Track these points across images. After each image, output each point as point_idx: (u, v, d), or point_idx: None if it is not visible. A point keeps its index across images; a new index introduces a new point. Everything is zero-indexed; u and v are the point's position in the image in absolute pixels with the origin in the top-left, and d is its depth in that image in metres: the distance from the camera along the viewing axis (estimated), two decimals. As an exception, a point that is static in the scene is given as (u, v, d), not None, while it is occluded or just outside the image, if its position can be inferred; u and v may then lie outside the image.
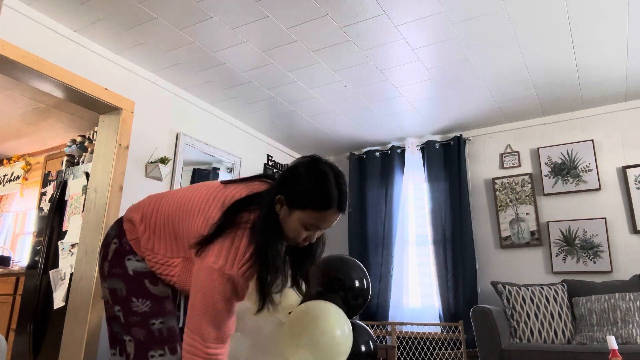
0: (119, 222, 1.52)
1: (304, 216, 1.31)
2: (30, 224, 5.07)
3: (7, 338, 3.62)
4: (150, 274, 1.43)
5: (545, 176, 3.95)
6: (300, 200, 1.30)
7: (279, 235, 1.33)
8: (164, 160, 3.35)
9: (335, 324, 1.50)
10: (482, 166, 4.28)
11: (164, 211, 1.45)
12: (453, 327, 3.78)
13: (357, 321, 1.70)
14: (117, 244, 1.47)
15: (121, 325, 1.40)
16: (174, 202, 1.46)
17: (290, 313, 1.62)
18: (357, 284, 1.70)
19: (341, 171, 1.39)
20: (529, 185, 3.99)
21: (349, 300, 1.66)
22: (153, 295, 1.40)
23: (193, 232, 1.35)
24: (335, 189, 1.32)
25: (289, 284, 1.41)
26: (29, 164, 5.14)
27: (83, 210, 3.29)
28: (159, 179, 3.37)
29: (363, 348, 1.60)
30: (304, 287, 1.47)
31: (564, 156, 3.91)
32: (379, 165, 4.67)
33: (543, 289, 3.28)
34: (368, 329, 1.71)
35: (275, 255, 1.29)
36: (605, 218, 3.65)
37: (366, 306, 1.76)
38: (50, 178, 3.98)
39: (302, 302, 1.72)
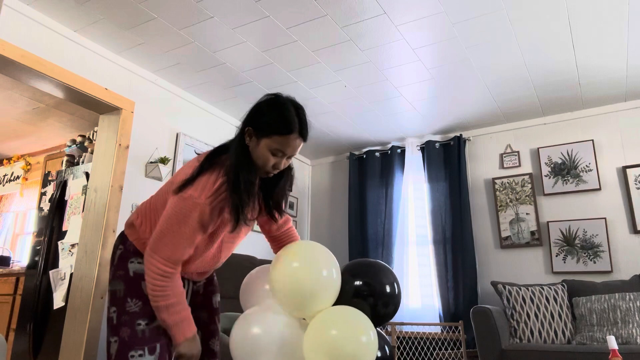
0: (122, 232, 1.58)
1: (270, 142, 1.43)
2: (30, 224, 5.07)
3: (7, 338, 3.62)
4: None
5: (545, 176, 3.95)
6: (266, 128, 1.43)
7: (249, 163, 1.44)
8: (164, 160, 3.35)
9: (361, 330, 1.41)
10: (482, 166, 4.28)
11: (154, 198, 1.55)
12: (453, 327, 3.78)
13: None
14: (121, 249, 1.52)
15: (112, 326, 1.42)
16: (162, 187, 1.57)
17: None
18: (387, 289, 1.59)
19: (302, 105, 1.52)
20: (529, 185, 3.99)
21: (379, 308, 1.56)
22: (146, 296, 1.42)
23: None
24: (296, 117, 1.45)
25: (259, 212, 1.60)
26: (29, 164, 5.14)
27: (83, 210, 3.29)
28: (159, 179, 3.37)
29: (379, 354, 1.55)
30: (277, 216, 1.63)
31: (564, 156, 3.91)
32: (379, 165, 4.67)
33: (543, 289, 3.28)
34: (384, 334, 1.64)
35: (247, 180, 1.41)
36: (605, 218, 3.65)
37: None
38: (50, 178, 3.98)
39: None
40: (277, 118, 1.43)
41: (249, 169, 1.43)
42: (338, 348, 1.31)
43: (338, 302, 1.55)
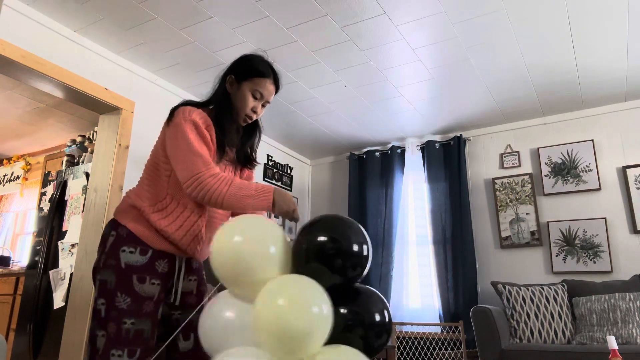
0: (111, 220, 1.57)
1: (251, 84, 1.61)
2: (30, 224, 5.07)
3: (7, 338, 3.62)
4: (140, 269, 1.44)
5: (545, 176, 3.95)
6: (247, 72, 1.63)
7: (231, 105, 1.63)
8: (164, 160, 3.34)
9: (312, 301, 1.18)
10: (482, 166, 4.28)
11: (144, 172, 1.69)
12: (453, 327, 3.78)
13: (368, 287, 1.38)
14: (114, 235, 1.49)
15: (99, 319, 1.41)
16: (147, 160, 1.71)
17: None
18: (355, 248, 1.29)
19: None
20: (529, 185, 3.99)
21: (347, 270, 1.28)
22: (135, 293, 1.42)
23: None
24: (272, 68, 1.67)
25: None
26: (29, 164, 5.14)
27: (83, 210, 3.29)
28: (159, 179, 3.37)
29: (378, 318, 1.29)
30: (253, 162, 1.77)
31: (564, 156, 3.91)
32: (379, 165, 4.67)
33: (543, 289, 3.28)
34: (381, 296, 1.36)
35: (230, 119, 1.60)
36: (605, 218, 3.65)
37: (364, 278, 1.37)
38: (50, 178, 3.98)
39: None
40: (258, 63, 1.65)
41: (231, 111, 1.62)
42: (285, 320, 1.13)
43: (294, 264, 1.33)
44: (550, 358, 2.76)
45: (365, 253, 1.31)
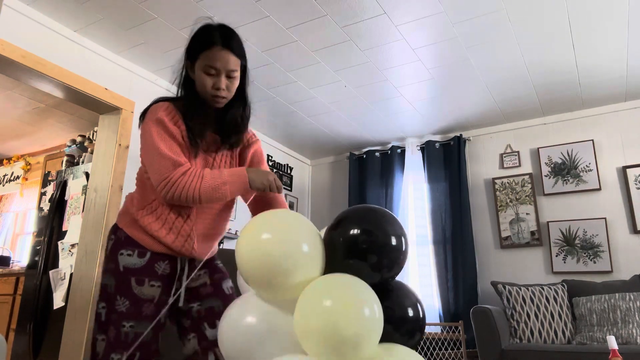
0: (113, 224, 1.57)
1: (200, 62, 1.45)
2: (30, 224, 5.07)
3: (7, 338, 3.62)
4: (138, 271, 1.42)
5: (545, 176, 3.95)
6: (194, 51, 1.47)
7: (194, 92, 1.50)
8: (164, 160, 3.34)
9: (362, 302, 1.06)
10: (482, 166, 4.28)
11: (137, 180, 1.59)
12: (453, 327, 3.78)
13: (398, 280, 1.26)
14: (113, 239, 1.49)
15: (100, 323, 1.40)
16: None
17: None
18: (394, 241, 1.14)
19: (226, 25, 1.51)
20: (529, 185, 3.99)
21: (382, 268, 1.14)
22: (134, 296, 1.40)
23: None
24: (217, 31, 1.46)
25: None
26: (29, 164, 5.14)
27: (83, 210, 3.29)
28: (159, 179, 3.37)
29: (411, 313, 1.17)
30: (234, 138, 1.58)
31: (564, 156, 3.91)
32: (379, 165, 4.67)
33: (543, 289, 3.28)
34: (412, 289, 1.27)
35: (196, 106, 1.48)
36: (605, 218, 3.65)
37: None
38: (50, 178, 3.98)
39: None
40: (199, 37, 1.48)
41: (195, 98, 1.49)
42: (336, 324, 1.01)
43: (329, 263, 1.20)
44: (550, 358, 2.76)
45: (404, 248, 1.19)
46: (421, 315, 1.21)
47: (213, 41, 1.44)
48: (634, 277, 3.22)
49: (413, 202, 4.42)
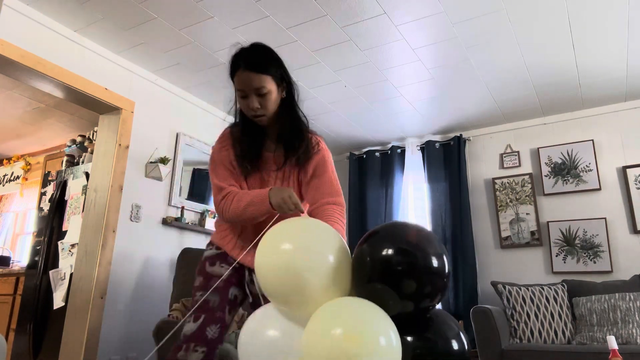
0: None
1: (235, 87, 1.55)
2: (30, 224, 5.07)
3: (7, 338, 3.62)
4: (213, 258, 1.63)
5: (545, 176, 3.95)
6: (230, 77, 1.57)
7: (240, 117, 1.63)
8: (163, 160, 3.35)
9: (376, 330, 0.96)
10: (482, 166, 4.28)
11: None
12: (453, 327, 3.78)
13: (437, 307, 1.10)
14: (205, 249, 1.72)
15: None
16: None
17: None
18: (435, 263, 0.98)
19: (256, 43, 1.62)
20: (529, 185, 3.99)
21: (421, 297, 0.98)
22: (206, 272, 1.60)
23: None
24: (239, 54, 1.54)
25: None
26: (29, 164, 5.14)
27: (83, 210, 3.29)
28: (159, 179, 3.37)
29: (456, 346, 1.01)
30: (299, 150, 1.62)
31: (564, 156, 3.91)
32: (379, 165, 4.67)
33: (543, 289, 3.28)
34: (453, 318, 1.11)
35: (239, 130, 1.60)
36: (605, 218, 3.65)
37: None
38: (50, 178, 3.98)
39: None
40: (229, 65, 1.56)
41: (242, 120, 1.61)
42: (341, 352, 0.91)
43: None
44: (550, 358, 2.76)
45: (446, 272, 1.01)
46: (465, 348, 1.04)
47: (237, 65, 1.53)
48: (634, 277, 3.22)
49: (413, 202, 4.42)
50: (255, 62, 1.51)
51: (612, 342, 1.75)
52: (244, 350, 1.16)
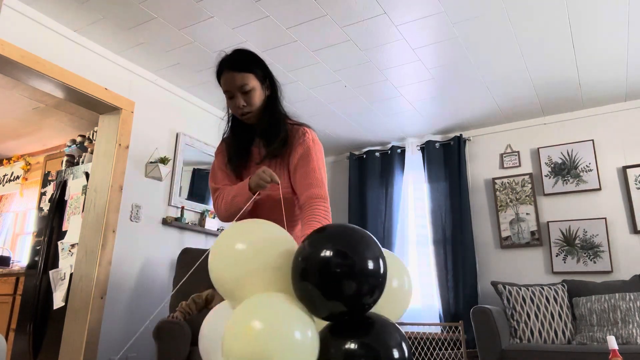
0: None
1: (223, 92, 1.62)
2: (30, 224, 5.07)
3: (7, 338, 3.62)
4: None
5: (546, 176, 3.95)
6: (219, 84, 1.64)
7: (229, 117, 1.74)
8: (163, 160, 3.35)
9: (293, 325, 1.00)
10: (482, 166, 4.28)
11: None
12: (453, 327, 3.78)
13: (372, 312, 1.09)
14: None
15: None
16: None
17: None
18: (370, 266, 0.99)
19: (237, 48, 1.67)
20: (529, 185, 3.99)
21: (361, 295, 0.99)
22: None
23: None
24: (222, 59, 1.62)
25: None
26: (29, 164, 5.14)
27: (83, 210, 3.29)
28: (159, 179, 3.37)
29: (396, 354, 1.00)
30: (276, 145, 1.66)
31: (564, 156, 3.91)
32: (379, 165, 4.67)
33: (543, 289, 3.28)
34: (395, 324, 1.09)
35: (229, 129, 1.74)
36: (605, 218, 3.65)
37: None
38: (50, 178, 3.98)
39: None
40: (216, 69, 1.63)
41: (232, 121, 1.73)
42: (259, 345, 0.93)
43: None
44: (550, 358, 2.76)
45: (382, 272, 1.01)
46: (406, 355, 1.02)
47: (221, 69, 1.61)
48: (634, 277, 3.22)
49: (413, 202, 4.42)
50: (236, 63, 1.59)
51: (612, 342, 1.75)
52: (205, 345, 1.20)
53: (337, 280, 0.98)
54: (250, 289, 1.07)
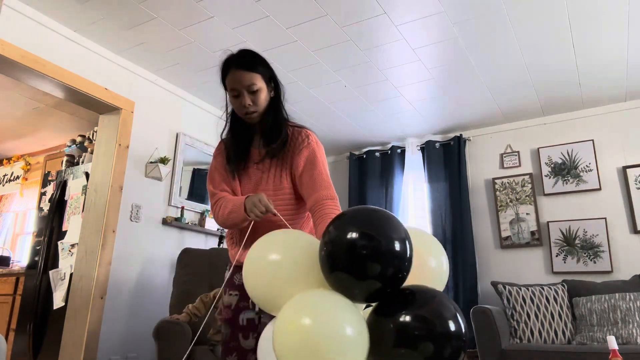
0: None
1: (227, 89, 1.62)
2: (30, 224, 5.07)
3: (7, 338, 3.62)
4: (227, 284, 1.70)
5: (546, 176, 3.95)
6: (223, 83, 1.64)
7: (232, 117, 1.73)
8: (163, 160, 3.35)
9: (343, 320, 1.00)
10: (482, 166, 4.27)
11: None
12: (453, 327, 3.78)
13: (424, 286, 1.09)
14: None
15: None
16: None
17: None
18: (397, 247, 1.00)
19: (243, 49, 1.67)
20: (529, 185, 3.99)
21: (387, 276, 0.99)
22: (223, 305, 1.72)
23: None
24: (230, 56, 1.62)
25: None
26: (29, 164, 5.13)
27: (83, 210, 3.29)
28: (159, 179, 3.37)
29: (452, 327, 0.97)
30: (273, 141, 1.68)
31: (564, 156, 3.91)
32: (379, 165, 4.67)
33: (543, 289, 3.28)
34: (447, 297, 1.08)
35: (230, 130, 1.72)
36: (605, 218, 3.64)
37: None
38: (50, 178, 3.98)
39: None
40: (221, 67, 1.63)
41: (236, 121, 1.70)
42: (310, 341, 0.94)
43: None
44: (550, 358, 2.76)
45: (408, 254, 1.02)
46: (462, 328, 0.99)
47: (228, 67, 1.60)
48: (634, 277, 3.22)
49: (413, 202, 4.42)
50: (245, 62, 1.59)
51: (612, 342, 1.75)
52: (264, 347, 1.24)
53: (362, 258, 0.99)
54: (288, 291, 1.11)
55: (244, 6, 2.64)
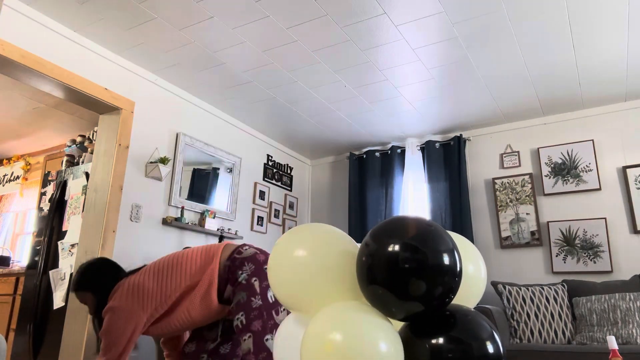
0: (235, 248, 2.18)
1: None
2: (30, 224, 5.07)
3: (7, 338, 3.62)
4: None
5: (546, 176, 3.95)
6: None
7: None
8: (163, 160, 3.35)
9: (377, 335, 0.95)
10: (482, 166, 4.28)
11: None
12: (453, 327, 3.78)
13: (460, 305, 1.03)
14: (228, 263, 2.12)
15: (242, 327, 1.88)
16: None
17: None
18: (446, 261, 0.91)
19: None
20: (529, 185, 3.99)
21: (432, 297, 0.92)
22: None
23: None
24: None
25: None
26: (29, 164, 5.14)
27: (83, 210, 3.29)
28: (159, 179, 3.37)
29: (491, 349, 0.93)
30: None
31: (564, 156, 3.91)
32: (379, 165, 4.67)
33: (543, 289, 3.28)
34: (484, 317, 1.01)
35: None
36: (605, 218, 3.65)
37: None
38: (50, 178, 3.98)
39: None
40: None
41: None
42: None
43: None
44: (550, 358, 2.76)
45: (458, 270, 0.93)
46: (500, 351, 0.94)
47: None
48: (634, 277, 3.22)
49: (413, 202, 4.42)
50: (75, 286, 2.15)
51: (612, 342, 1.75)
52: (279, 355, 1.22)
53: (407, 278, 0.88)
54: (315, 293, 1.05)
55: (244, 6, 2.64)
